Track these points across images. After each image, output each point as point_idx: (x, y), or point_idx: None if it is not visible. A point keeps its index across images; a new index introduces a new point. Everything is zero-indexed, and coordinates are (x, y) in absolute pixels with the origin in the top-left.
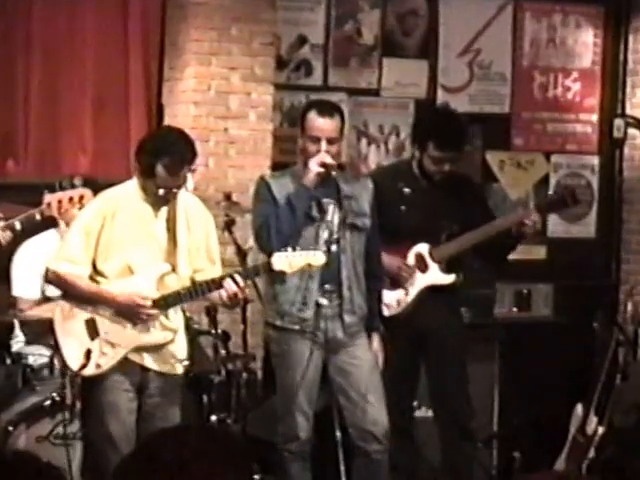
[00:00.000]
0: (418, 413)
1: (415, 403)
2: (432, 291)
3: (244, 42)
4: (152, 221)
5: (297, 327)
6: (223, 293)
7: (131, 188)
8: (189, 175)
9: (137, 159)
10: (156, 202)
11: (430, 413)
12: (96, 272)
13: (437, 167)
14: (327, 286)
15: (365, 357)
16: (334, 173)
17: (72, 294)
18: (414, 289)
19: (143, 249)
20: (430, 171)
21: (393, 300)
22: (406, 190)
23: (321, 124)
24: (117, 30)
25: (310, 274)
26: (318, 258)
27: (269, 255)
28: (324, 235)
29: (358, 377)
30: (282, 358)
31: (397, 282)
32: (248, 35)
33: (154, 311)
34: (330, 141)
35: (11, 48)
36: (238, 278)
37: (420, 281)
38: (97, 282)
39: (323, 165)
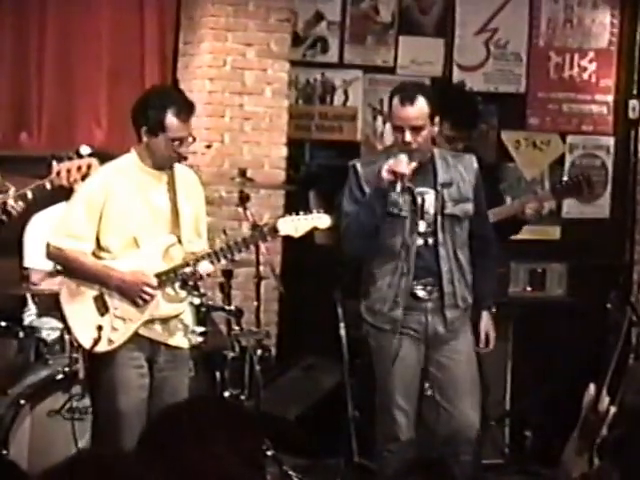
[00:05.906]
0: (430, 392)
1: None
2: None
3: (261, 18)
4: (154, 192)
5: (388, 327)
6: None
7: (130, 160)
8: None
9: (142, 120)
10: (157, 170)
11: None
12: (100, 248)
13: (451, 146)
14: (424, 280)
15: (465, 350)
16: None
17: (76, 271)
18: None
19: (148, 221)
20: None
21: None
22: None
23: (402, 112)
24: (133, 3)
25: (403, 271)
26: (324, 221)
27: (352, 257)
28: (420, 227)
29: (456, 374)
30: (378, 355)
31: None
32: (265, 11)
33: (156, 292)
34: (414, 129)
35: (25, 20)
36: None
37: None
38: (101, 258)
39: (393, 173)
